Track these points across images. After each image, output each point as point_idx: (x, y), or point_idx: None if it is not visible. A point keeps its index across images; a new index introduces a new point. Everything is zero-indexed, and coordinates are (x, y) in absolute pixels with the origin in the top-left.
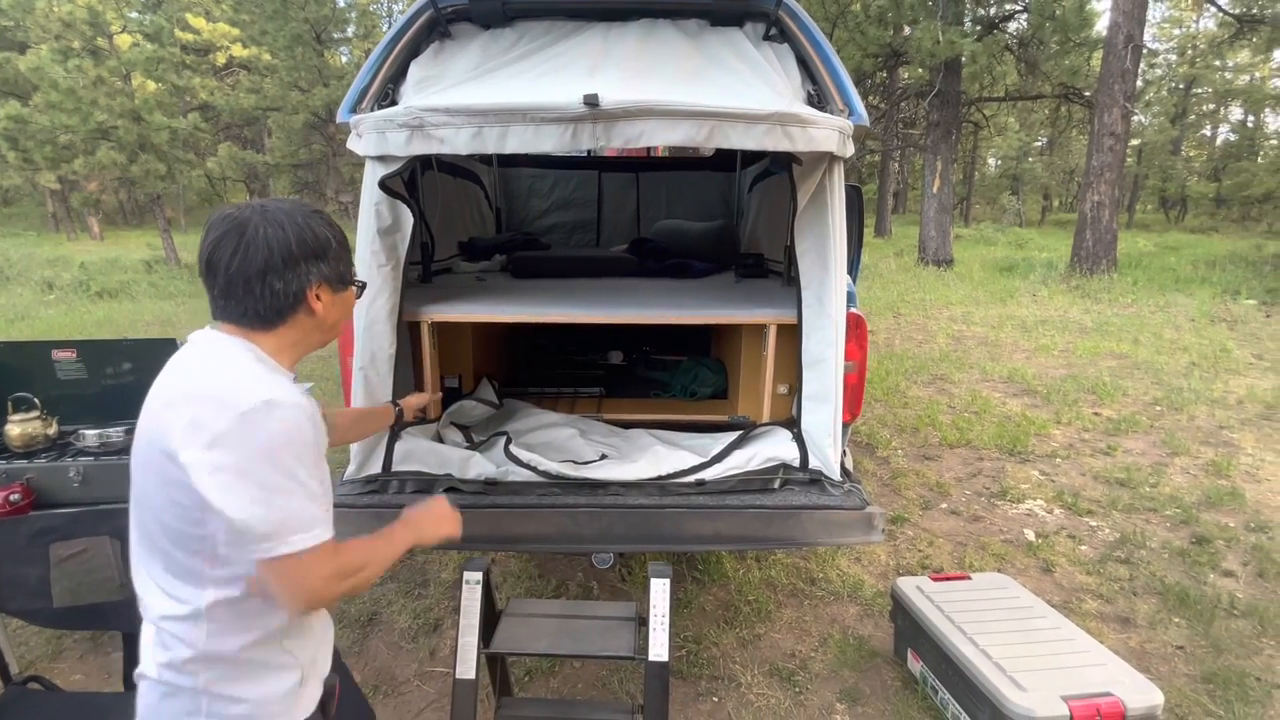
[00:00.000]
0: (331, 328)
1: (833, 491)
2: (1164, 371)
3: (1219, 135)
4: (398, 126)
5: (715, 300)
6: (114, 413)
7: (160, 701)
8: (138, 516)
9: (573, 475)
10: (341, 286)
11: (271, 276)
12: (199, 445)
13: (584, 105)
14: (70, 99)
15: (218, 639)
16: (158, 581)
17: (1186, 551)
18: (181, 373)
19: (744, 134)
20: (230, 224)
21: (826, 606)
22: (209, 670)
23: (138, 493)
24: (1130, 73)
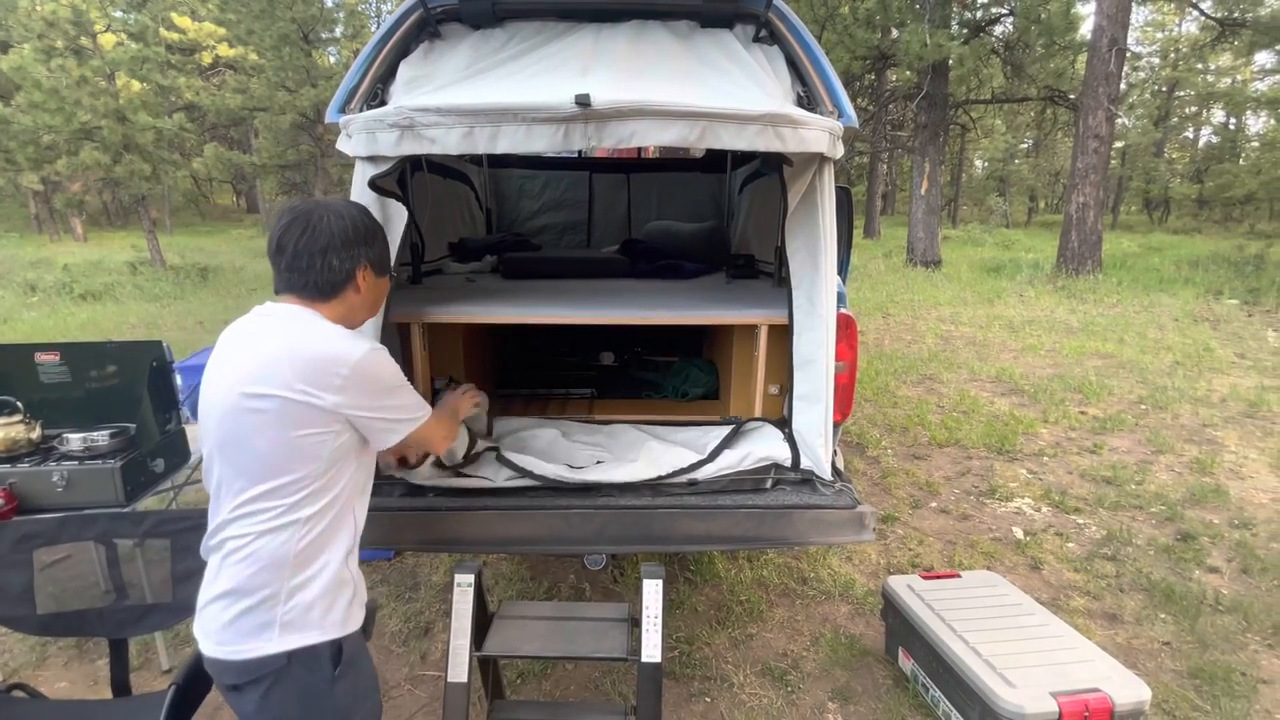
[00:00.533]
0: (369, 307)
1: (824, 491)
2: (1149, 371)
3: (1201, 137)
4: (388, 127)
5: (706, 301)
6: (98, 416)
7: (241, 613)
8: (230, 456)
9: (571, 480)
10: (381, 272)
11: (331, 254)
12: (332, 388)
13: (576, 105)
14: (53, 99)
15: (306, 552)
16: (254, 504)
17: (1172, 548)
18: (278, 334)
19: (735, 134)
20: (298, 213)
21: (818, 606)
22: (294, 576)
23: (227, 435)
24: (1114, 76)
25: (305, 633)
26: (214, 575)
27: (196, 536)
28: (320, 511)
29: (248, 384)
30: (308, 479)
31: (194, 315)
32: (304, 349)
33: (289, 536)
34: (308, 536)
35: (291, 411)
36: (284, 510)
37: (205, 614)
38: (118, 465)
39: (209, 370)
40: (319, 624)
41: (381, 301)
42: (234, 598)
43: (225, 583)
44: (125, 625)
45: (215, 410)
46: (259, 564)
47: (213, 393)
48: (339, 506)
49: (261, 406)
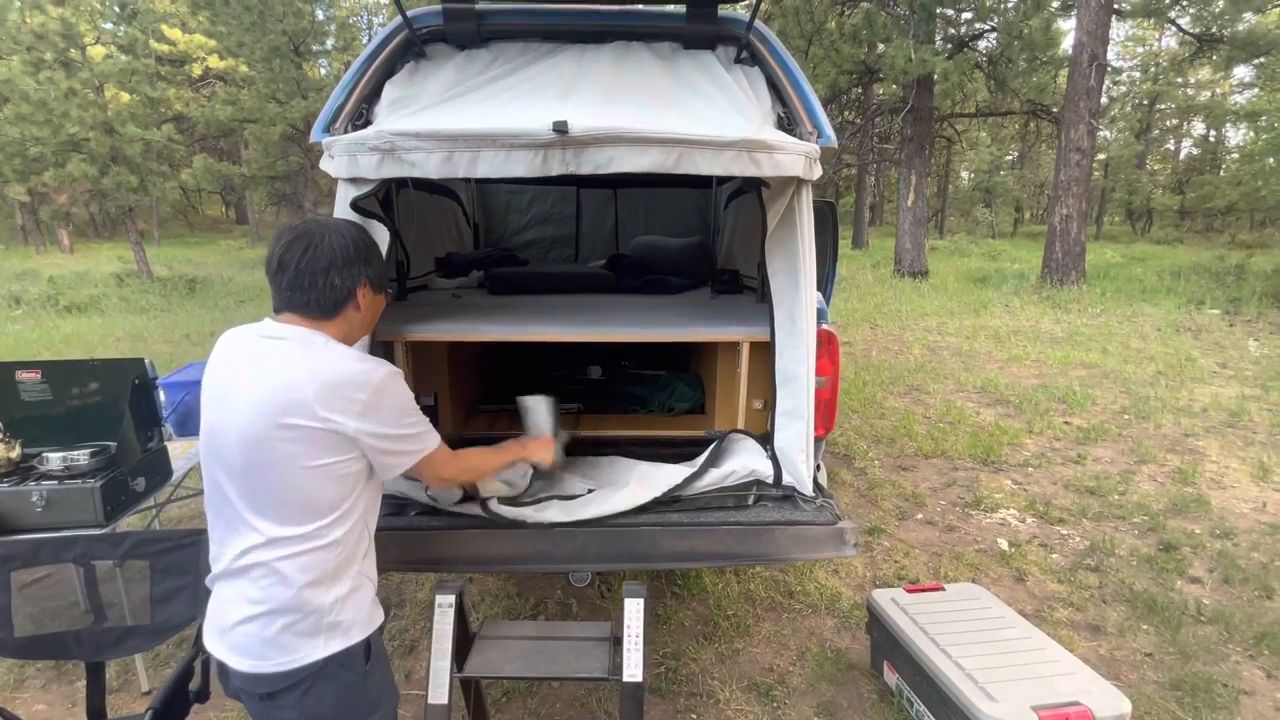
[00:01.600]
0: (367, 324)
1: (805, 507)
2: (1132, 381)
3: (1182, 149)
4: (368, 150)
5: (690, 318)
6: (80, 434)
7: (285, 628)
8: (256, 483)
9: (567, 521)
10: (379, 289)
11: (334, 273)
12: (354, 414)
13: (554, 132)
14: (41, 111)
15: (337, 564)
16: (288, 530)
17: (1154, 558)
18: (298, 359)
19: (712, 160)
20: (299, 232)
21: (804, 619)
22: (333, 589)
23: (253, 463)
24: (1095, 90)
25: (346, 635)
26: (245, 598)
27: (176, 558)
28: (349, 530)
29: (276, 414)
30: (338, 503)
31: (181, 328)
32: (325, 373)
33: (325, 557)
34: (342, 554)
35: (318, 439)
36: (318, 533)
37: (238, 633)
38: (97, 485)
39: (217, 390)
40: (354, 626)
41: (377, 318)
42: (275, 615)
43: (265, 604)
44: (103, 648)
45: (236, 435)
46: (300, 584)
47: (230, 417)
48: (362, 519)
49: (293, 437)
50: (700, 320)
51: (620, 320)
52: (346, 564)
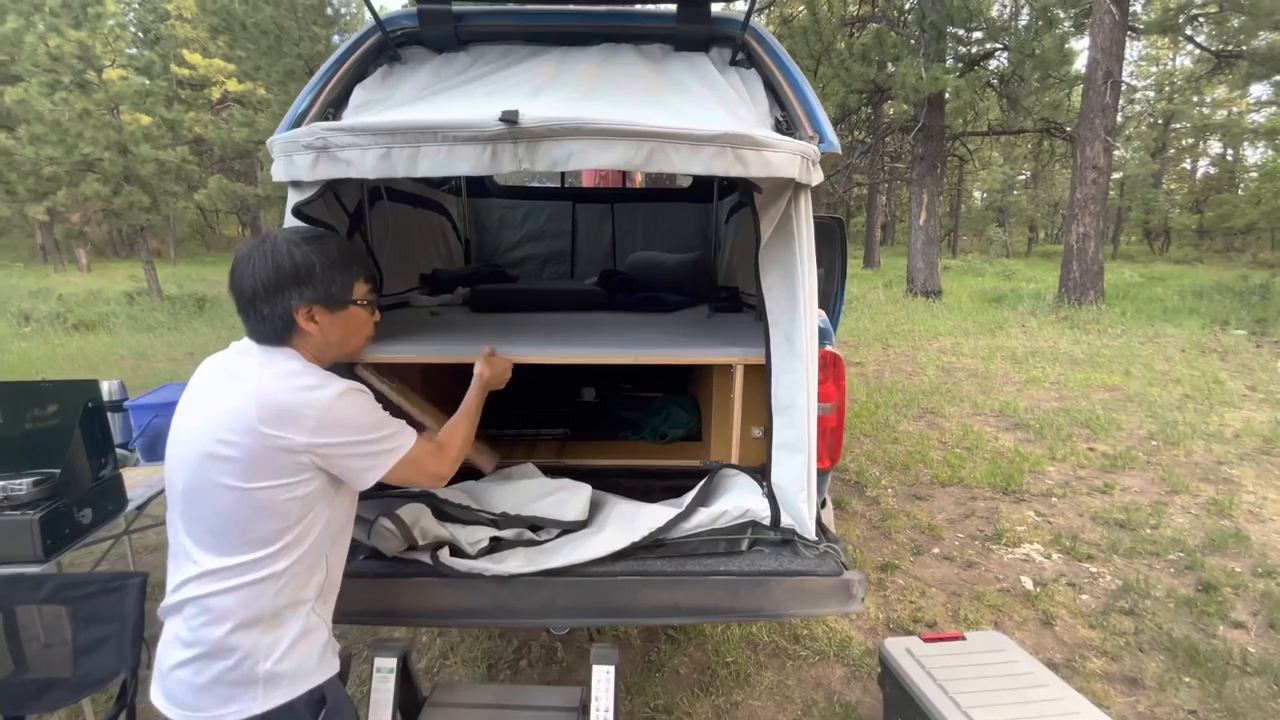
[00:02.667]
0: (339, 344)
1: (806, 554)
2: (1157, 404)
3: (1199, 168)
4: (302, 148)
5: (680, 337)
6: (32, 459)
7: (217, 677)
8: (195, 508)
9: (530, 573)
10: (338, 306)
11: (259, 303)
12: (305, 429)
13: (502, 123)
14: (55, 131)
15: (278, 603)
16: (223, 561)
17: (1193, 600)
18: (250, 378)
19: (688, 157)
20: (238, 256)
21: (811, 668)
22: (271, 631)
23: (192, 484)
24: (1110, 108)
25: (290, 687)
26: (178, 638)
27: (101, 604)
28: (294, 563)
29: (217, 430)
30: (279, 533)
31: (185, 346)
32: (272, 392)
33: (263, 592)
34: (284, 590)
35: (260, 458)
36: (255, 565)
37: (172, 679)
38: (36, 517)
39: (179, 412)
40: (298, 676)
41: (359, 333)
42: (207, 660)
43: (196, 646)
44: (24, 701)
45: (180, 456)
46: (233, 623)
47: (180, 436)
48: (313, 554)
49: (229, 454)
50: (690, 340)
51: (601, 340)
52: (292, 604)
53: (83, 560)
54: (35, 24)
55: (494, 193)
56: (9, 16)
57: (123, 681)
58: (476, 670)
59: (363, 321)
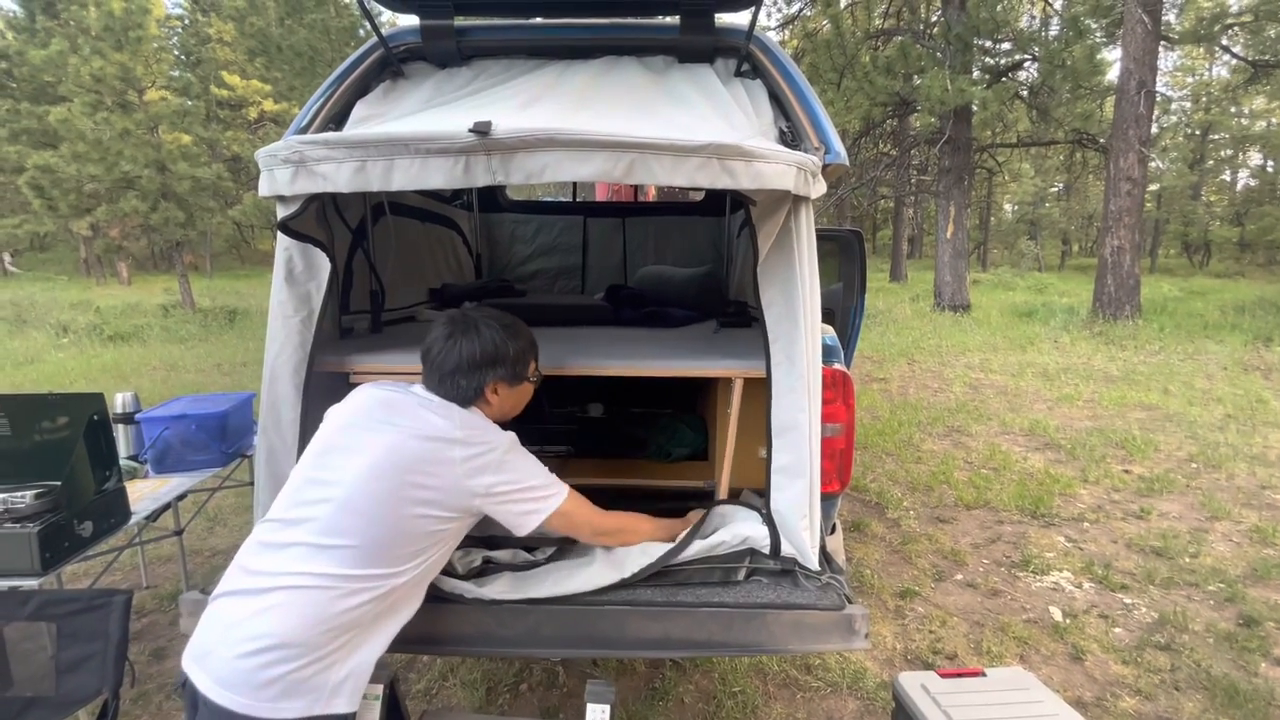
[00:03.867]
0: (511, 410)
1: (807, 585)
2: (1198, 424)
3: (1239, 180)
4: (281, 162)
5: (680, 351)
6: (39, 472)
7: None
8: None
9: (514, 599)
10: (517, 382)
11: (460, 375)
12: (477, 469)
13: (473, 135)
14: (97, 149)
15: (379, 622)
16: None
17: (1234, 635)
18: (450, 426)
19: (672, 169)
20: (442, 328)
21: (822, 700)
22: (354, 640)
23: (369, 504)
24: (1144, 118)
25: (347, 698)
26: (250, 622)
27: (85, 621)
28: (406, 584)
29: (418, 464)
30: (407, 559)
31: (214, 358)
32: (473, 439)
33: (371, 601)
34: (384, 603)
35: (452, 492)
36: (382, 578)
37: (228, 665)
38: (35, 530)
39: (355, 428)
40: (357, 690)
41: (524, 402)
42: (283, 652)
43: (272, 637)
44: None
45: (359, 475)
46: (327, 624)
47: (360, 456)
48: (419, 580)
49: (427, 485)
50: (689, 353)
51: (599, 353)
52: (383, 621)
53: (89, 573)
54: (81, 47)
55: (506, 207)
56: (54, 40)
57: (104, 702)
58: (475, 693)
59: (529, 393)
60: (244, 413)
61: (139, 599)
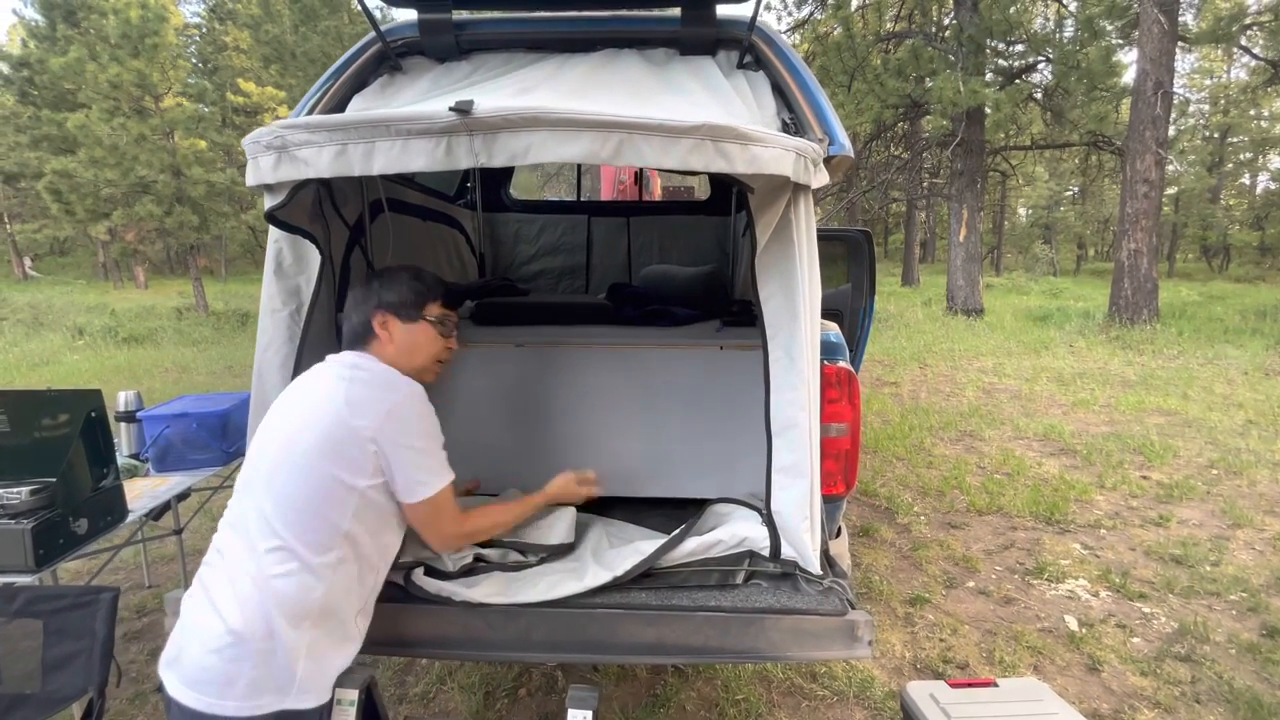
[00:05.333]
0: (410, 352)
1: (808, 590)
2: (1218, 430)
3: (1259, 183)
4: (264, 149)
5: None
6: (37, 469)
7: (246, 663)
8: (278, 487)
9: (502, 602)
10: (409, 319)
11: (352, 314)
12: (377, 415)
13: (454, 114)
14: (113, 154)
15: (324, 604)
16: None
17: (1257, 646)
18: (343, 374)
19: (662, 150)
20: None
21: (828, 709)
22: (312, 630)
23: (282, 467)
24: (1161, 119)
25: (314, 691)
26: (213, 620)
27: (72, 618)
28: (347, 564)
29: (309, 414)
30: (331, 529)
31: (225, 360)
32: (359, 378)
33: (315, 586)
34: (333, 591)
35: (337, 438)
36: (308, 561)
37: (196, 665)
38: (28, 526)
39: (279, 406)
40: (320, 687)
41: (424, 349)
42: (245, 647)
43: (235, 633)
44: None
45: (274, 443)
46: (282, 613)
47: (276, 427)
48: (364, 563)
49: (313, 431)
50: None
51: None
52: (337, 609)
53: (89, 572)
54: (100, 54)
55: (509, 207)
56: (73, 47)
57: (89, 700)
58: (474, 697)
59: (429, 339)
60: (245, 412)
61: (141, 598)
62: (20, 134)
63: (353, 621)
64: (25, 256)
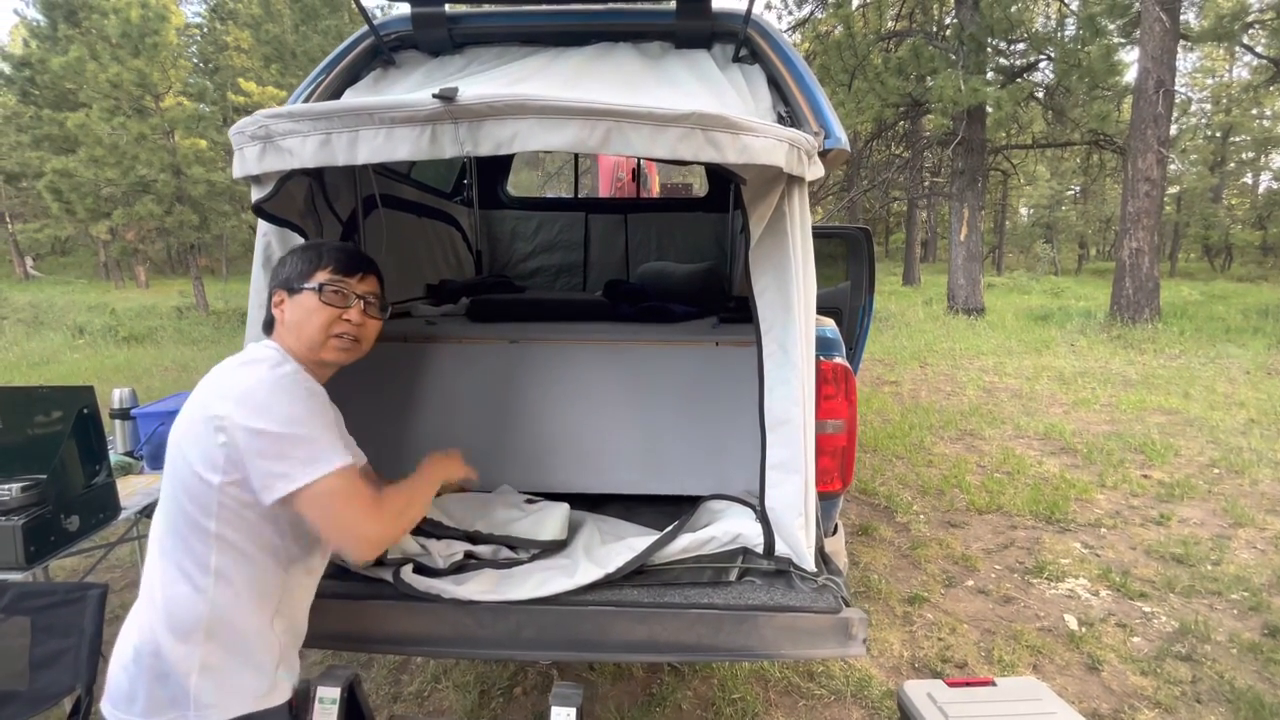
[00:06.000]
0: (297, 327)
1: (802, 587)
2: (1220, 429)
3: (1261, 183)
4: (249, 139)
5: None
6: (30, 465)
7: (147, 679)
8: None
9: (490, 600)
10: (292, 290)
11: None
12: (229, 402)
13: (438, 101)
14: (113, 154)
15: (218, 611)
16: (167, 542)
17: (1258, 646)
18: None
19: (651, 139)
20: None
21: (825, 708)
22: (200, 646)
23: (170, 460)
24: (1163, 118)
25: (218, 709)
26: (125, 637)
27: (60, 615)
28: (228, 573)
29: (193, 413)
30: (199, 530)
31: (223, 358)
32: (229, 362)
33: (191, 596)
34: (219, 603)
35: (196, 431)
36: (183, 565)
37: (114, 681)
38: (19, 523)
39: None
40: (227, 700)
41: (310, 321)
42: (142, 664)
43: (136, 649)
44: None
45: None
46: (167, 628)
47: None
48: (256, 573)
49: (178, 425)
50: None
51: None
52: (229, 621)
53: (82, 569)
54: (100, 54)
55: (506, 204)
56: (74, 47)
57: (77, 698)
58: (468, 696)
59: (313, 309)
60: None
61: (133, 595)
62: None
63: (268, 628)
64: (26, 256)
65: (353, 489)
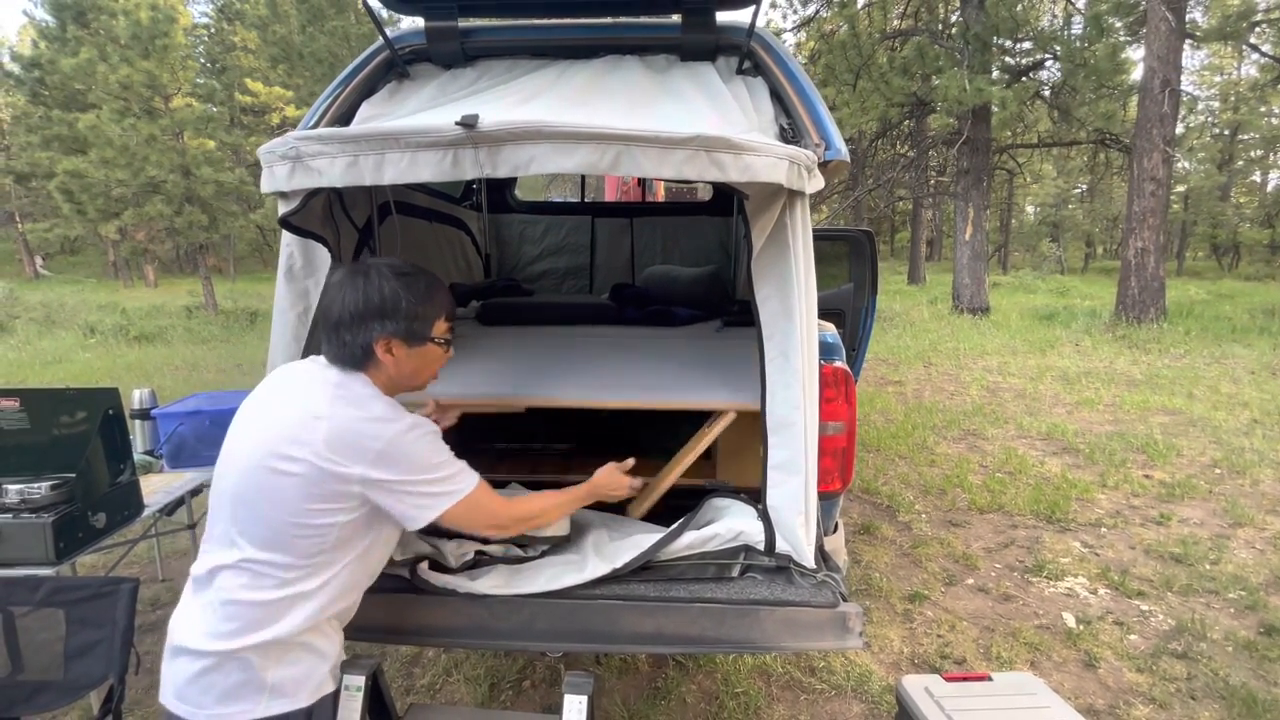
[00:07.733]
0: (410, 376)
1: (802, 583)
2: (1223, 429)
3: (1269, 181)
4: (279, 159)
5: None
6: (56, 465)
7: (218, 672)
8: (242, 511)
9: (503, 595)
10: (416, 342)
11: (344, 330)
12: (365, 461)
13: (460, 128)
14: (124, 155)
15: (299, 620)
16: (255, 567)
17: (1254, 644)
18: (323, 398)
19: (658, 161)
20: (329, 281)
21: (826, 703)
22: (281, 643)
23: (247, 489)
24: (1169, 117)
25: (286, 699)
26: (192, 633)
27: (93, 608)
28: (320, 586)
29: (282, 444)
30: (310, 555)
31: (234, 358)
32: (342, 416)
33: (289, 606)
34: (306, 608)
35: (315, 479)
36: (283, 582)
37: (179, 674)
38: (49, 520)
39: (246, 411)
40: (296, 691)
41: (430, 368)
42: (220, 660)
43: (211, 644)
44: (16, 702)
45: (241, 460)
46: (252, 630)
47: (242, 441)
48: (339, 582)
49: (288, 469)
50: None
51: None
52: (307, 618)
53: (105, 565)
54: (110, 55)
55: (514, 208)
56: (84, 48)
57: (110, 687)
58: (479, 688)
59: (436, 358)
60: None
61: (154, 591)
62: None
63: (338, 625)
64: (37, 255)
65: (484, 496)
